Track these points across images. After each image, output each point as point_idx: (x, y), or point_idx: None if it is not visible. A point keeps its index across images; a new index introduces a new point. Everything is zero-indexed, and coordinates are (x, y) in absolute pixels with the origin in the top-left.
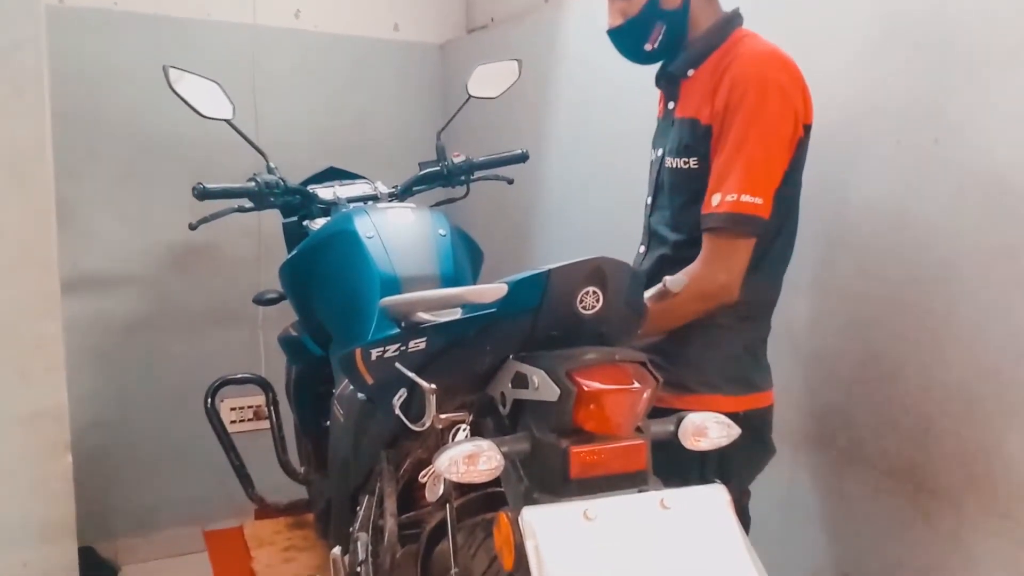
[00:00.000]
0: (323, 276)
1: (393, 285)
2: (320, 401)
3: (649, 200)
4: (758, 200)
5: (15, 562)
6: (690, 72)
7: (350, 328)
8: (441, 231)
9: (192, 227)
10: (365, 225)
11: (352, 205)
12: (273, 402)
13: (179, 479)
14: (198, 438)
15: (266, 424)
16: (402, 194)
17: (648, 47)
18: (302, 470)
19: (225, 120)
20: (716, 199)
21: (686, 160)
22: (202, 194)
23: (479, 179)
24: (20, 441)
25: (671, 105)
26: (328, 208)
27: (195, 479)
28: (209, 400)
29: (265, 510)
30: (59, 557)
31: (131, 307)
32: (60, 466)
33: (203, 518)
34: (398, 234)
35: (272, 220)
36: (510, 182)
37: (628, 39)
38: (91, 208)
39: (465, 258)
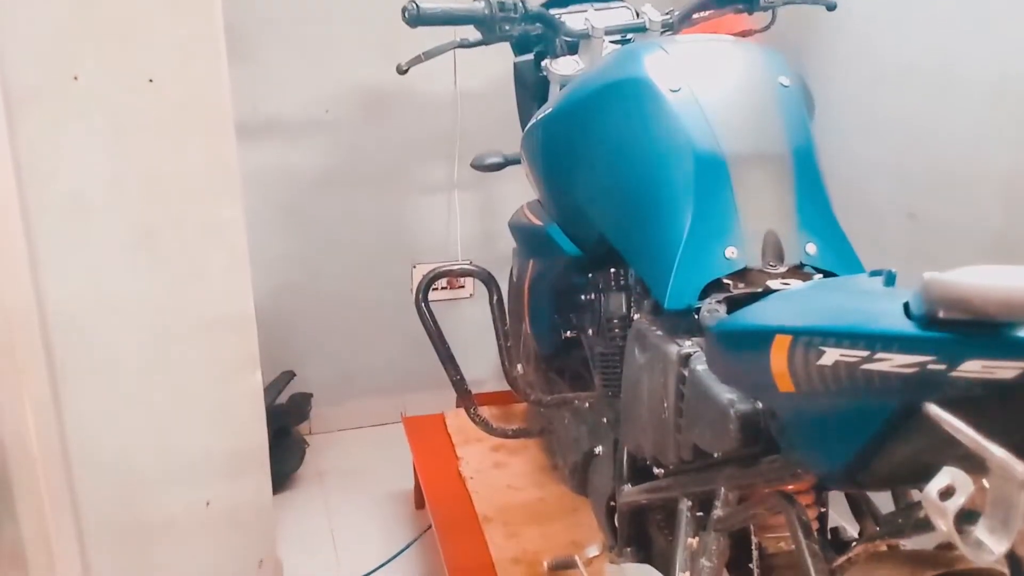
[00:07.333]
0: (594, 146)
1: (716, 168)
2: (565, 310)
3: None
4: None
5: (196, 500)
6: None
7: (646, 235)
8: (783, 79)
9: (402, 71)
10: (663, 69)
11: (608, 39)
12: (499, 302)
13: (373, 346)
14: (387, 305)
15: None
16: (680, 22)
17: None
18: (530, 392)
19: None
20: None
21: None
22: (415, 19)
23: (792, 2)
24: (198, 354)
25: None
26: (577, 43)
27: (390, 345)
28: (423, 295)
29: (486, 429)
30: (250, 493)
31: (318, 161)
32: (248, 385)
33: (400, 388)
34: (719, 85)
35: (496, 58)
36: (831, 8)
37: None
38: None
39: (810, 122)
